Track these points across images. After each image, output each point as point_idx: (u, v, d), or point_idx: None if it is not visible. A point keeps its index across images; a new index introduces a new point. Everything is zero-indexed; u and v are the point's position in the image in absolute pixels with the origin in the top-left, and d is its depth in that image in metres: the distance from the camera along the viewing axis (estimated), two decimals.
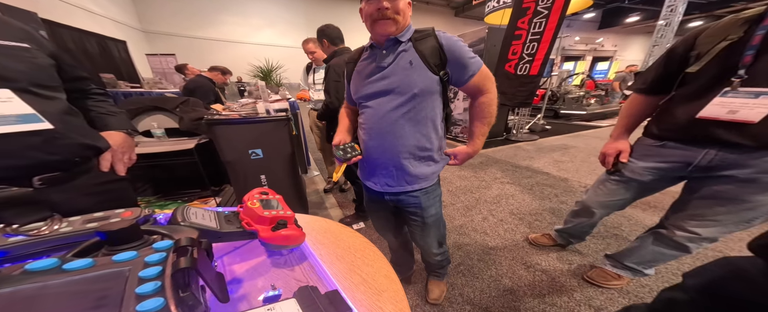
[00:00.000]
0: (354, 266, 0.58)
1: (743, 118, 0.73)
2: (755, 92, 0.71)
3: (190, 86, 2.62)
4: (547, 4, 2.79)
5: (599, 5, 12.06)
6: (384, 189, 0.83)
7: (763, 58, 0.70)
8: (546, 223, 1.82)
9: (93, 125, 0.71)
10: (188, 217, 0.36)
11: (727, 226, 0.85)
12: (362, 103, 0.79)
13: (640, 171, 0.98)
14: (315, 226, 0.73)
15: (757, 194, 0.78)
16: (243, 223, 0.44)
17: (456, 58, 0.69)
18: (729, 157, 0.79)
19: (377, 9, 0.63)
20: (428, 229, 0.91)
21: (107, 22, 5.05)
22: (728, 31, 0.76)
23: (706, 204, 0.87)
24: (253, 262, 0.53)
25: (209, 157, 1.64)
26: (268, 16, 8.31)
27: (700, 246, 0.93)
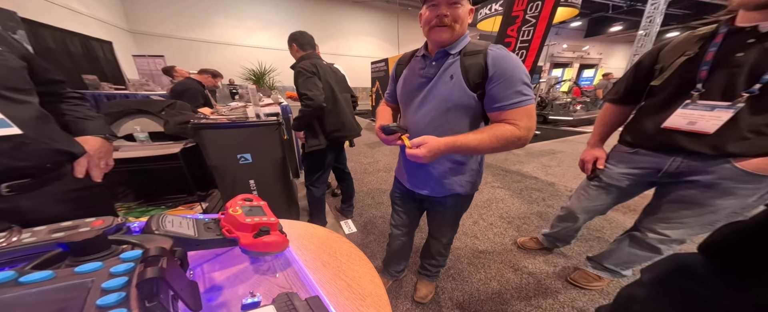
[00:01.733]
0: (339, 271, 0.57)
1: (701, 129, 0.79)
2: (711, 105, 0.77)
3: (178, 89, 2.57)
4: (535, 13, 2.89)
5: (585, 14, 12.57)
6: (415, 188, 0.89)
7: (716, 74, 0.76)
8: (533, 227, 1.85)
9: (68, 130, 0.69)
10: (163, 225, 0.35)
11: (693, 228, 0.90)
12: (402, 105, 0.84)
13: (617, 177, 1.03)
14: (302, 232, 0.73)
15: (717, 199, 0.83)
16: (223, 230, 0.43)
17: (501, 78, 0.63)
18: (693, 164, 0.84)
19: (436, 16, 0.63)
20: (445, 225, 0.98)
21: (93, 22, 4.92)
22: (685, 47, 0.82)
23: (674, 208, 0.91)
24: (235, 269, 0.52)
25: (196, 161, 1.60)
26: (263, 18, 8.28)
27: (670, 247, 0.98)
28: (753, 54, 0.70)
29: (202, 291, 0.43)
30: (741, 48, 0.72)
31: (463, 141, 0.66)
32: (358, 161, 3.37)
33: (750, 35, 0.71)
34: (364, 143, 4.34)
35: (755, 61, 0.70)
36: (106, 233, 0.29)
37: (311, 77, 1.33)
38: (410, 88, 0.78)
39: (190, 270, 0.38)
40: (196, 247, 0.39)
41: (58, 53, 3.62)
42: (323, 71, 1.42)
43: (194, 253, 0.53)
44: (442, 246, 1.08)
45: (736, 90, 0.73)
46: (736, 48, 0.73)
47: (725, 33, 0.75)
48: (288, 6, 8.67)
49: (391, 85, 0.93)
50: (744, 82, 0.72)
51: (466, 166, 0.81)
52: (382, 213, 2.05)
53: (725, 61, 0.74)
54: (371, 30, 10.50)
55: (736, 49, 0.73)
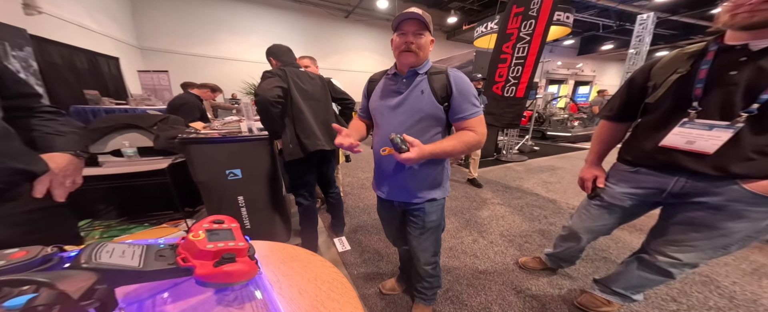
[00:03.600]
0: (317, 302, 0.51)
1: (700, 149, 0.76)
2: (709, 125, 0.74)
3: (175, 103, 2.58)
4: (529, 31, 2.97)
5: (577, 33, 13.05)
6: (391, 197, 0.94)
7: (712, 92, 0.74)
8: (536, 245, 1.77)
9: (34, 146, 0.64)
10: (98, 256, 0.30)
11: (706, 251, 0.85)
12: (377, 116, 0.92)
13: (619, 196, 0.99)
14: (281, 255, 0.67)
15: (727, 221, 0.78)
16: (179, 258, 0.38)
17: (460, 92, 0.80)
18: (698, 185, 0.80)
19: (405, 42, 0.78)
20: (426, 233, 0.97)
21: (104, 39, 5.08)
22: (677, 64, 0.81)
23: (682, 230, 0.87)
24: (194, 299, 0.46)
25: (185, 177, 1.55)
26: (266, 34, 8.56)
27: (682, 271, 0.92)
28: (747, 72, 0.69)
29: None
30: (734, 66, 0.71)
31: (441, 147, 0.77)
32: (355, 176, 3.32)
33: (742, 53, 0.71)
34: (361, 158, 4.31)
35: (750, 79, 0.69)
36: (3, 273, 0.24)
37: (268, 78, 1.30)
38: (383, 100, 0.89)
39: (121, 308, 0.32)
40: (139, 280, 0.34)
41: (63, 69, 3.69)
42: (295, 78, 1.37)
43: (148, 284, 0.47)
44: (429, 266, 1.04)
45: (734, 109, 0.71)
46: (730, 66, 0.72)
47: (716, 51, 0.75)
48: (291, 23, 9.01)
49: (363, 101, 1.01)
50: (741, 101, 0.70)
51: (436, 172, 0.90)
52: (378, 230, 1.97)
53: (720, 79, 0.73)
54: (370, 45, 10.85)
55: (730, 67, 0.72)
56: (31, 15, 3.36)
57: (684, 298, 1.31)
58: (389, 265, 1.56)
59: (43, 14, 3.55)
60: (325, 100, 1.55)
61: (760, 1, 0.64)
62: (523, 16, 3.00)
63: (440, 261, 1.08)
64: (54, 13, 3.78)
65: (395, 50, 0.81)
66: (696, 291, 1.36)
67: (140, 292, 0.45)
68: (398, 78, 0.86)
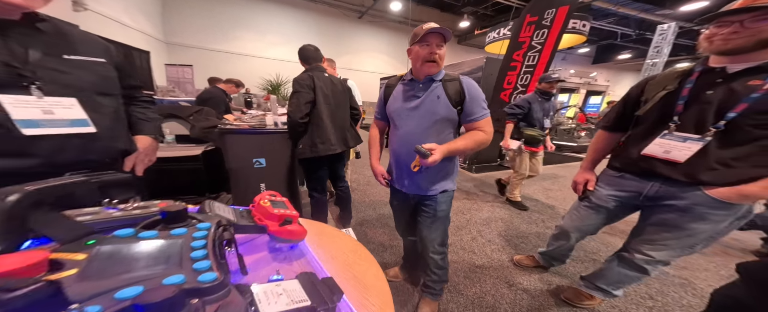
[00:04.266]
0: (346, 265, 0.65)
1: (673, 157, 0.87)
2: (683, 137, 0.85)
3: (203, 96, 2.79)
4: (541, 40, 3.05)
5: (593, 41, 12.85)
6: (409, 190, 1.06)
7: (690, 108, 0.85)
8: (531, 246, 1.88)
9: (131, 128, 0.82)
10: (213, 209, 0.46)
11: (675, 250, 0.96)
12: (396, 119, 1.02)
13: (605, 198, 1.10)
14: (313, 230, 0.81)
15: (693, 223, 0.89)
16: (255, 218, 0.54)
17: (472, 97, 0.92)
18: (670, 189, 0.91)
19: (430, 53, 0.87)
20: (437, 222, 1.07)
21: (136, 35, 5.40)
22: (667, 81, 0.91)
23: (656, 230, 0.98)
24: (256, 256, 0.61)
25: (211, 164, 1.72)
26: (283, 32, 8.83)
27: (655, 268, 1.03)
28: (720, 93, 0.79)
29: (234, 270, 0.52)
30: (711, 86, 0.81)
31: (455, 146, 0.89)
32: (362, 173, 3.47)
33: (719, 75, 0.81)
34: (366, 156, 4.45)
35: (721, 99, 0.79)
36: (186, 209, 0.39)
37: (299, 92, 1.43)
38: (402, 104, 0.99)
39: None
40: (236, 231, 0.49)
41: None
42: (320, 83, 1.49)
43: None
44: (437, 254, 1.13)
45: (706, 125, 0.81)
46: (707, 86, 0.82)
47: (700, 71, 0.85)
48: (307, 22, 9.25)
49: (380, 104, 1.10)
50: (712, 117, 0.80)
51: (449, 167, 1.02)
52: (382, 224, 2.12)
53: (698, 97, 0.83)
54: (382, 47, 10.99)
55: (707, 87, 0.82)
56: (79, 11, 3.64)
57: (660, 297, 1.43)
58: (393, 256, 1.70)
59: (89, 11, 3.82)
60: (344, 105, 1.68)
61: (730, 31, 0.74)
62: (536, 25, 3.07)
63: (448, 260, 1.17)
64: (97, 10, 4.07)
65: (418, 60, 0.90)
66: (672, 291, 1.48)
67: None
68: (415, 84, 0.96)
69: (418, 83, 0.95)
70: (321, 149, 1.49)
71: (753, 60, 0.75)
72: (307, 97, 1.43)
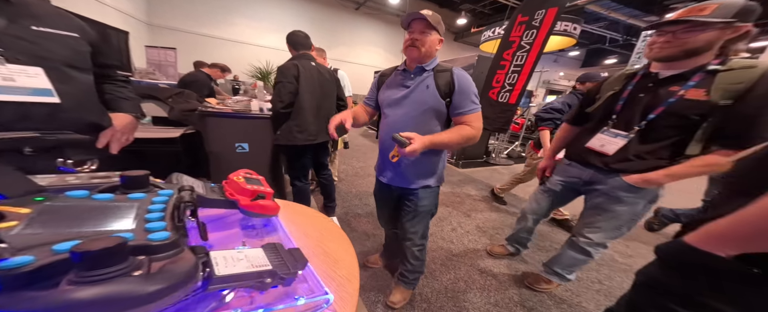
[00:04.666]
0: (319, 242, 0.68)
1: (605, 150, 1.01)
2: (614, 133, 0.99)
3: (186, 79, 2.69)
4: (530, 40, 3.10)
5: (583, 44, 13.15)
6: (392, 183, 1.04)
7: (626, 108, 0.96)
8: (504, 235, 1.98)
9: (107, 106, 0.80)
10: (181, 180, 0.46)
11: (607, 232, 1.08)
12: (384, 108, 1.01)
13: (554, 183, 1.26)
14: (291, 210, 0.83)
15: (615, 205, 1.02)
16: (226, 193, 0.54)
17: (462, 90, 0.88)
18: (598, 176, 1.06)
19: (410, 38, 0.87)
20: (417, 217, 1.07)
21: (114, 13, 5.08)
22: (615, 83, 1.02)
23: (592, 213, 1.11)
24: (228, 232, 0.62)
25: (191, 148, 1.67)
26: (277, 20, 8.52)
27: (597, 251, 1.14)
28: (648, 96, 0.90)
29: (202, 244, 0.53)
30: (644, 90, 0.92)
31: (439, 138, 0.85)
32: (350, 164, 3.48)
33: (652, 80, 0.91)
34: (358, 148, 4.46)
35: (648, 102, 0.90)
36: (149, 176, 0.40)
37: (282, 82, 1.42)
38: (392, 92, 0.98)
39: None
40: (203, 204, 0.50)
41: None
42: (306, 72, 1.47)
43: None
44: (416, 247, 1.13)
45: (632, 123, 0.93)
46: (641, 89, 0.93)
47: (641, 75, 0.96)
48: (303, 12, 8.96)
49: (372, 91, 1.10)
50: (638, 117, 0.92)
51: (433, 162, 1.00)
52: (367, 214, 2.15)
53: (632, 99, 0.95)
54: (378, 41, 10.83)
55: (641, 90, 0.93)
56: None
57: (607, 281, 1.59)
58: (375, 244, 1.74)
59: None
60: (331, 95, 1.66)
61: (665, 40, 0.83)
62: (526, 25, 3.12)
63: (426, 248, 1.18)
64: None
65: (403, 45, 0.90)
66: (618, 276, 1.65)
67: None
68: (406, 73, 0.95)
69: (410, 73, 0.94)
70: (299, 138, 1.48)
71: (680, 68, 0.84)
72: (289, 87, 1.42)
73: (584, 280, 1.56)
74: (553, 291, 1.42)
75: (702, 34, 0.76)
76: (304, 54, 1.57)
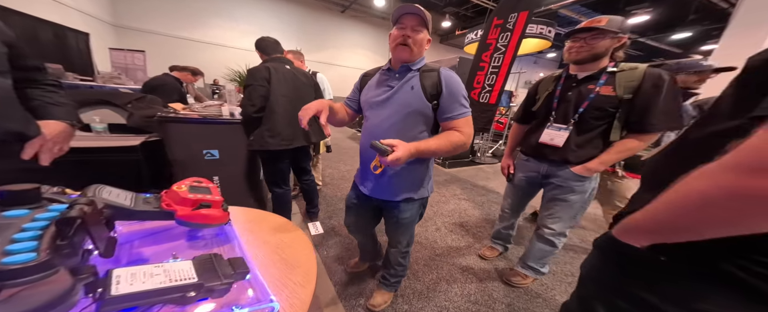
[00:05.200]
0: (278, 249, 0.64)
1: (555, 143, 1.11)
2: (558, 127, 1.10)
3: (152, 83, 2.53)
4: (505, 42, 3.20)
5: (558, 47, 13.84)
6: (372, 194, 0.94)
7: (560, 106, 1.10)
8: (486, 233, 2.02)
9: (35, 114, 0.70)
10: (99, 193, 0.41)
11: (565, 221, 1.18)
12: (366, 110, 0.94)
13: (518, 179, 1.34)
14: (254, 218, 0.78)
15: (568, 194, 1.12)
16: (163, 203, 0.49)
17: (450, 92, 0.80)
18: (552, 168, 1.15)
19: (402, 35, 0.78)
20: (401, 228, 1.02)
21: (73, 13, 4.74)
22: (548, 84, 1.16)
23: (550, 205, 1.19)
24: (171, 244, 0.56)
25: (154, 157, 1.56)
26: (258, 23, 8.29)
27: (559, 240, 1.22)
28: (575, 94, 1.05)
29: (126, 262, 0.47)
30: (570, 89, 1.07)
31: (426, 145, 0.76)
32: (336, 168, 3.42)
33: (573, 80, 1.06)
34: (343, 151, 4.40)
35: (575, 98, 1.04)
36: (40, 189, 0.34)
37: (252, 85, 1.36)
38: (374, 93, 0.90)
39: (115, 231, 0.41)
40: (129, 217, 0.44)
41: (24, 40, 3.44)
42: (278, 75, 1.42)
43: (130, 229, 0.57)
44: (400, 254, 1.10)
45: (568, 117, 1.06)
46: (568, 88, 1.07)
47: (565, 77, 1.10)
48: (286, 13, 8.79)
49: (355, 92, 1.02)
50: (572, 112, 1.05)
51: (418, 172, 0.92)
52: None
53: (563, 97, 1.08)
54: (365, 43, 10.83)
55: (568, 89, 1.07)
56: None
57: None
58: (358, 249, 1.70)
59: None
60: (307, 99, 1.55)
61: (578, 46, 0.99)
62: (501, 28, 3.22)
63: (410, 252, 1.15)
64: None
65: (392, 43, 0.80)
66: None
67: (122, 238, 0.55)
68: (391, 73, 0.87)
69: (395, 72, 0.86)
70: (271, 143, 1.41)
71: (590, 70, 1.02)
72: (260, 90, 1.36)
73: (558, 274, 1.60)
74: (529, 286, 1.44)
75: (603, 41, 0.95)
76: (278, 57, 1.52)
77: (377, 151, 0.69)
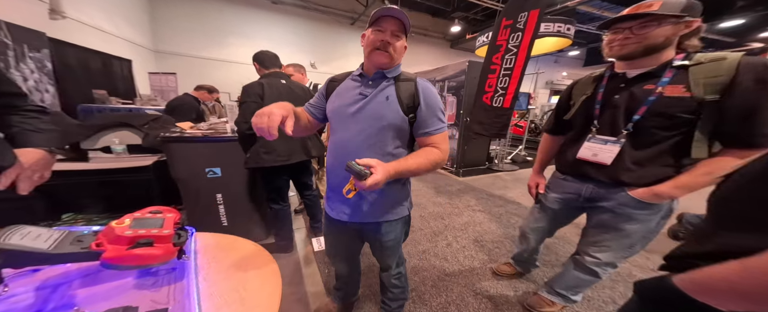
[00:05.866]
0: (239, 285, 0.58)
1: (601, 160, 0.89)
2: (604, 140, 0.87)
3: (173, 103, 2.71)
4: (516, 43, 3.03)
5: (581, 44, 13.01)
6: (340, 218, 0.84)
7: (604, 112, 0.88)
8: (505, 251, 1.81)
9: (14, 141, 0.71)
10: (9, 237, 0.37)
11: (617, 251, 0.95)
12: (334, 122, 0.81)
13: (551, 200, 1.11)
14: (223, 245, 0.73)
15: (624, 223, 0.88)
16: (93, 243, 0.45)
17: (428, 105, 0.75)
18: (600, 191, 0.92)
19: (380, 40, 0.70)
20: (387, 250, 0.93)
21: (120, 42, 5.36)
22: (586, 87, 0.95)
23: (597, 232, 0.97)
24: (110, 284, 0.52)
25: (162, 176, 1.62)
26: (274, 38, 8.81)
27: (605, 271, 1.01)
28: (625, 97, 0.82)
29: (53, 307, 0.42)
30: (617, 91, 0.85)
31: (405, 165, 0.70)
32: None
33: (621, 80, 0.84)
34: None
35: (626, 103, 0.82)
36: None
37: (246, 102, 1.35)
38: (344, 102, 0.78)
39: (4, 287, 0.37)
40: (44, 262, 0.40)
41: (76, 69, 3.92)
42: (271, 91, 1.39)
43: (61, 271, 0.53)
44: (393, 277, 1.02)
45: (618, 127, 0.84)
46: (614, 91, 0.85)
47: (608, 77, 0.89)
48: (298, 27, 9.28)
49: (319, 99, 0.88)
50: (623, 120, 0.83)
51: (401, 191, 0.85)
52: None
53: (608, 101, 0.86)
54: None
55: (614, 91, 0.85)
56: (56, 20, 3.60)
57: (623, 300, 1.34)
58: (367, 263, 1.59)
59: (67, 18, 3.77)
60: None
61: (623, 38, 0.77)
62: (511, 28, 3.06)
63: (406, 272, 1.07)
64: (76, 17, 4.02)
65: (368, 47, 0.73)
66: None
67: (59, 276, 0.52)
68: (364, 79, 0.78)
69: (368, 79, 0.77)
70: (266, 160, 1.39)
71: (644, 66, 0.79)
72: (253, 107, 1.35)
73: (595, 300, 1.35)
74: None
75: (658, 29, 0.73)
76: (275, 72, 1.53)
77: (353, 174, 0.61)
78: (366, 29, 0.75)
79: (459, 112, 3.98)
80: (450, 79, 4.16)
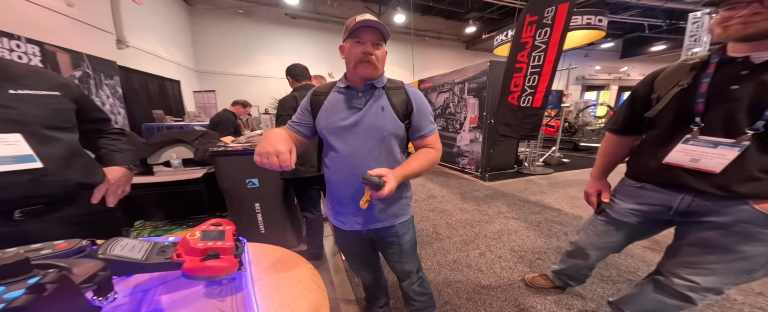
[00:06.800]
0: (290, 298, 0.60)
1: (705, 167, 0.72)
2: (713, 142, 0.70)
3: (215, 119, 2.97)
4: (545, 39, 2.88)
5: (617, 35, 11.99)
6: (355, 228, 0.85)
7: (714, 107, 0.71)
8: (549, 263, 1.67)
9: (102, 161, 0.84)
10: (111, 249, 0.42)
11: (726, 276, 0.78)
12: (330, 137, 0.79)
13: (624, 212, 0.95)
14: (270, 257, 0.77)
15: (742, 244, 0.72)
16: (174, 254, 0.50)
17: (420, 109, 0.80)
18: (706, 204, 0.76)
19: (363, 53, 0.70)
20: (406, 254, 0.93)
21: (171, 66, 6.07)
22: (679, 76, 0.78)
23: (696, 251, 0.81)
24: (185, 291, 0.57)
25: (211, 187, 1.79)
26: (295, 52, 9.40)
27: (704, 297, 0.84)
28: (749, 87, 0.65)
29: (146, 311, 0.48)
30: (735, 80, 0.68)
31: (410, 169, 0.74)
32: None
33: (743, 66, 0.67)
34: None
35: (753, 95, 0.65)
36: (29, 259, 0.32)
37: (282, 116, 1.42)
38: (337, 117, 0.77)
39: (115, 293, 0.40)
40: (138, 270, 0.45)
41: (139, 92, 4.50)
42: None
43: (148, 277, 0.59)
44: (415, 284, 1.01)
45: (738, 126, 0.67)
46: (731, 80, 0.69)
47: (717, 63, 0.72)
48: (315, 40, 9.82)
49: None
50: (746, 117, 0.66)
51: (404, 192, 0.87)
52: None
53: (721, 94, 0.70)
54: (390, 59, 11.15)
55: (731, 81, 0.69)
56: (122, 49, 4.19)
57: None
58: (389, 275, 1.59)
59: (130, 47, 4.37)
60: None
61: (750, 13, 0.60)
62: (537, 24, 2.92)
63: (426, 276, 1.06)
64: (136, 45, 4.63)
65: (350, 60, 0.73)
66: None
67: (148, 283, 0.58)
68: (352, 92, 0.77)
69: (357, 91, 0.77)
70: (301, 171, 1.46)
71: None
72: (288, 120, 1.43)
73: None
74: None
75: None
76: (305, 85, 1.62)
77: (370, 186, 0.64)
78: (343, 41, 0.75)
79: (482, 115, 3.85)
80: (470, 81, 4.05)
